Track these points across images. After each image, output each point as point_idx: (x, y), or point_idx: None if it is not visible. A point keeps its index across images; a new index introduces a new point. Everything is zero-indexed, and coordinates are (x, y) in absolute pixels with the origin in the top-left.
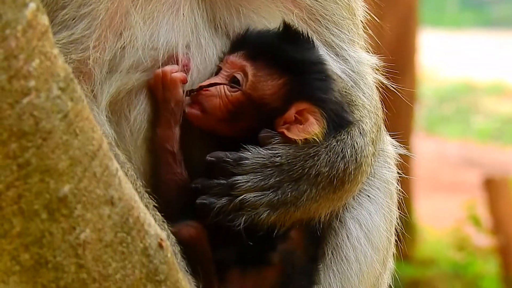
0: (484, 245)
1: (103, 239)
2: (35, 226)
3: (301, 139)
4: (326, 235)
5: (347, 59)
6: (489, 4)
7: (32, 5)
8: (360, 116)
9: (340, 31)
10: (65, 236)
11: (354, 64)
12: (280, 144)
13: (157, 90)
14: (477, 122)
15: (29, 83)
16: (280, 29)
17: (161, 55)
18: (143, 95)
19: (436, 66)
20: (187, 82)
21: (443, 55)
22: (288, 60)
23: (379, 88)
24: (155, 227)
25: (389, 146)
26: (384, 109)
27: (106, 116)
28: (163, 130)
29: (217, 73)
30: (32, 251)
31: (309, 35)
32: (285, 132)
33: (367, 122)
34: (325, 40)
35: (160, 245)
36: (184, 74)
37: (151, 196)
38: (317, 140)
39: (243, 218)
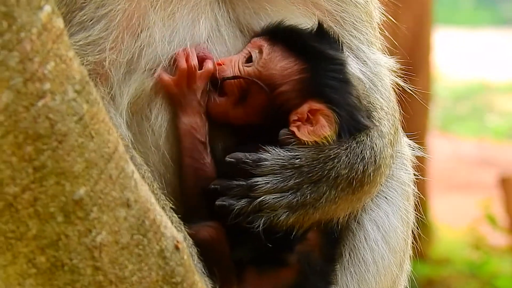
0: (500, 244)
1: (119, 242)
2: (51, 228)
3: (310, 141)
4: (343, 236)
5: (365, 61)
6: (504, 2)
7: (47, 8)
8: (379, 118)
9: (359, 33)
10: (81, 239)
11: (372, 66)
12: (299, 146)
13: (182, 81)
14: (492, 121)
15: (44, 85)
16: (314, 28)
17: (179, 54)
18: (163, 93)
19: (451, 65)
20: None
21: (457, 53)
22: (307, 48)
23: (395, 88)
24: (171, 229)
25: (406, 148)
26: (400, 109)
27: (124, 118)
28: (191, 119)
29: None
30: (48, 253)
31: (338, 38)
32: (295, 131)
33: (385, 124)
34: (345, 42)
35: (177, 247)
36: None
37: (168, 198)
38: (327, 142)
39: (262, 220)
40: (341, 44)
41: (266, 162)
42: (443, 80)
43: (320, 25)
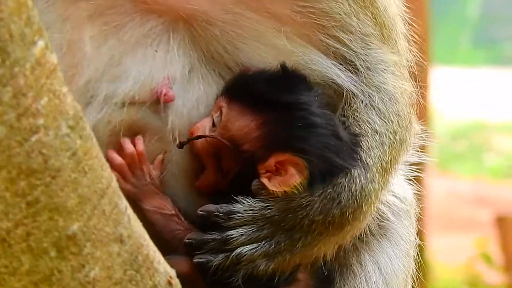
0: (495, 283)
1: (112, 277)
2: (44, 264)
3: (280, 191)
4: (344, 277)
5: (358, 69)
6: (502, 42)
7: (41, 43)
8: (367, 147)
9: (351, 32)
10: (74, 274)
11: (367, 74)
12: (271, 196)
13: (126, 174)
14: (490, 160)
15: (37, 121)
16: (277, 71)
17: (137, 89)
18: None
19: (449, 104)
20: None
21: (455, 92)
22: (264, 102)
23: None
24: (164, 264)
25: (412, 196)
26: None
27: None
28: (152, 202)
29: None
30: None
31: (305, 77)
32: (266, 183)
33: (373, 154)
34: (329, 50)
35: (170, 283)
36: (135, 148)
37: None
38: (297, 191)
39: (241, 273)
40: (308, 80)
41: (237, 215)
42: (441, 119)
43: (283, 67)
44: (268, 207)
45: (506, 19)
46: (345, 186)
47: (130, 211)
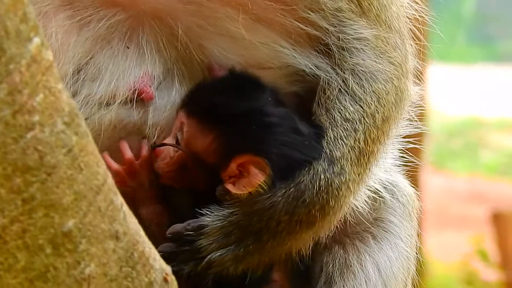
0: (492, 280)
1: (108, 274)
2: (40, 260)
3: (246, 193)
4: (342, 274)
5: (331, 49)
6: (498, 39)
7: (37, 40)
8: (335, 137)
9: (321, 10)
10: (69, 271)
11: (341, 55)
12: (236, 201)
13: (125, 178)
14: (485, 157)
15: (33, 117)
16: (227, 78)
17: (111, 87)
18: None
19: (445, 101)
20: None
21: (451, 89)
22: (219, 116)
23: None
24: (160, 261)
25: (414, 198)
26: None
27: None
28: (149, 209)
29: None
30: (37, 285)
31: (255, 79)
32: (231, 188)
33: (341, 145)
34: (298, 34)
35: (165, 280)
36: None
37: None
38: (262, 189)
39: (212, 276)
40: (259, 81)
41: (206, 228)
42: (437, 116)
43: (231, 72)
44: (234, 213)
45: (501, 17)
46: (308, 184)
47: (125, 207)
